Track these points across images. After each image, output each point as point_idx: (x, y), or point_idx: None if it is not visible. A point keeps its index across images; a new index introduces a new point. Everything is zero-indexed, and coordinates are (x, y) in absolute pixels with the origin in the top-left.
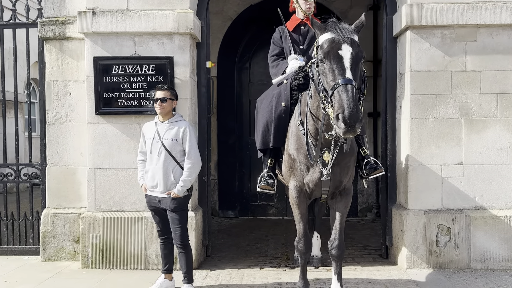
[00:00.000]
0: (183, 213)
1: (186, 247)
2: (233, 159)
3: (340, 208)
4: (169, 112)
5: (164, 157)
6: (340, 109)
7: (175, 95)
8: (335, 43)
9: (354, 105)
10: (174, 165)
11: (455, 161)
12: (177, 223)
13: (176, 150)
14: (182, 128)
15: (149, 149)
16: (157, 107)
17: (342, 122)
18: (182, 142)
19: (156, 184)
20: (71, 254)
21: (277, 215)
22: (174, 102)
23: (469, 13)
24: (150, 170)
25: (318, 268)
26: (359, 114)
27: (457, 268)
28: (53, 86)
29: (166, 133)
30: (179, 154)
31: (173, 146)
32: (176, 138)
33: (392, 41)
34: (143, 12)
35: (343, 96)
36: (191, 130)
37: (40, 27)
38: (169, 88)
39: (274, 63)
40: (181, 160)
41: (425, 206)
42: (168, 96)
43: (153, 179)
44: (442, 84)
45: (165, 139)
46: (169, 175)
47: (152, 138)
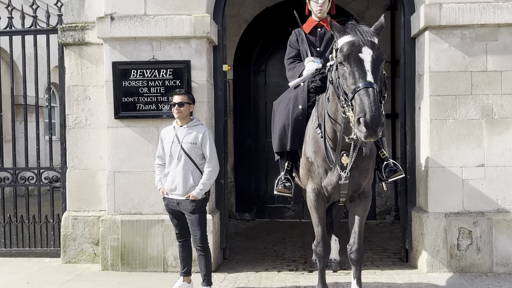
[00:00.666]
0: (202, 216)
1: (205, 249)
2: (249, 161)
3: (359, 211)
4: (186, 116)
5: (184, 160)
6: (361, 112)
7: (192, 99)
8: (355, 46)
9: (376, 108)
10: (193, 168)
11: (476, 163)
12: (196, 226)
13: (195, 154)
14: (202, 132)
15: (168, 153)
16: (175, 112)
17: (364, 126)
18: (201, 146)
19: (175, 187)
20: (91, 256)
21: (294, 217)
22: (192, 106)
23: (489, 12)
24: (170, 173)
25: (336, 271)
26: (381, 118)
27: (479, 272)
28: (72, 91)
29: (186, 137)
30: (198, 157)
31: (192, 150)
32: (195, 142)
33: (410, 41)
34: (161, 17)
35: (364, 99)
36: (210, 134)
37: (60, 33)
38: (186, 92)
39: (290, 66)
40: (200, 164)
41: (445, 209)
42: (186, 100)
43: (172, 182)
44: (462, 84)
45: (184, 143)
46: (188, 178)
47: (171, 142)
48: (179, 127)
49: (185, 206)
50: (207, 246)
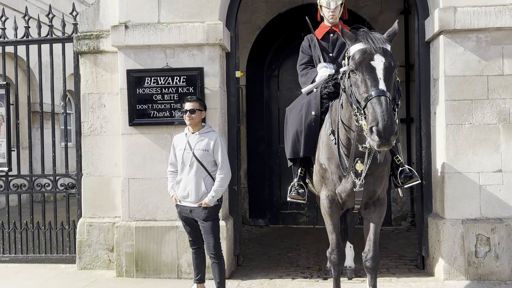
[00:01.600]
0: (215, 223)
1: (219, 257)
2: (262, 167)
3: (374, 218)
4: (198, 123)
5: (196, 167)
6: (374, 121)
7: (204, 106)
8: (367, 53)
9: (388, 117)
10: (205, 175)
11: (494, 169)
12: (209, 233)
13: (207, 161)
14: (214, 139)
15: (180, 160)
16: (187, 119)
17: (376, 135)
18: (213, 153)
19: (188, 194)
20: (106, 262)
21: (307, 223)
22: (203, 112)
23: (505, 15)
24: (182, 180)
25: (351, 279)
26: (394, 127)
27: (498, 280)
28: (88, 99)
29: (197, 144)
30: (210, 164)
31: (204, 157)
32: (207, 149)
33: (425, 46)
34: (174, 25)
35: (376, 108)
36: (222, 141)
37: (75, 42)
38: (197, 99)
39: (303, 72)
40: (212, 171)
41: (462, 215)
42: (197, 107)
43: (184, 189)
44: (478, 89)
45: (196, 150)
46: (200, 185)
47: (183, 149)
48: (191, 134)
49: (198, 214)
50: (220, 254)
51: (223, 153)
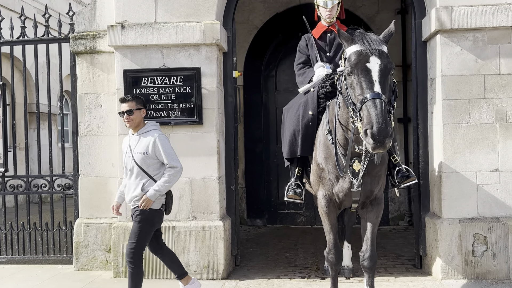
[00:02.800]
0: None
1: (137, 266)
2: (260, 167)
3: (372, 218)
4: (139, 123)
5: (136, 172)
6: (368, 124)
7: (143, 103)
8: (362, 55)
9: (383, 120)
10: (146, 180)
11: (491, 168)
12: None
13: (147, 164)
14: (152, 140)
15: (124, 164)
16: (125, 121)
17: (371, 138)
18: (155, 154)
19: (130, 199)
20: (103, 263)
21: (305, 223)
22: (143, 111)
23: (502, 14)
24: (127, 185)
25: (349, 278)
26: (388, 130)
27: (495, 279)
28: (84, 99)
29: (137, 146)
30: (152, 168)
31: (144, 160)
32: (146, 151)
33: (422, 45)
34: (171, 25)
35: (371, 111)
36: (163, 139)
37: (71, 42)
38: (134, 97)
39: (300, 71)
40: (155, 174)
41: (459, 214)
42: (134, 106)
43: (127, 194)
44: (475, 88)
45: (136, 153)
46: (140, 188)
47: (125, 153)
48: (131, 135)
49: (135, 214)
50: (140, 263)
51: (166, 151)
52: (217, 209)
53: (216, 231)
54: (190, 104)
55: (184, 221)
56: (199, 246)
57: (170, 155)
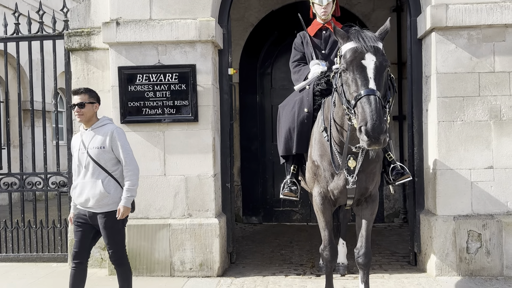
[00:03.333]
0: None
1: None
2: (256, 165)
3: (366, 215)
4: (91, 118)
5: (92, 168)
6: (363, 121)
7: (96, 97)
8: (358, 52)
9: (377, 117)
10: (104, 176)
11: (485, 165)
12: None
13: (104, 160)
14: (109, 133)
15: (77, 162)
16: (75, 114)
17: (365, 135)
18: (112, 149)
19: (86, 200)
20: (98, 261)
21: (301, 221)
22: (96, 105)
23: (496, 12)
24: (78, 185)
25: (344, 275)
26: (382, 126)
27: (489, 276)
28: None
29: (92, 141)
30: (110, 163)
31: (101, 155)
32: (103, 146)
33: (417, 43)
34: (166, 22)
35: (366, 108)
36: (120, 133)
37: (66, 39)
38: (86, 90)
39: (296, 69)
40: (113, 170)
41: (454, 211)
42: (87, 100)
43: (81, 194)
44: (469, 86)
45: (91, 148)
46: (99, 188)
47: (78, 150)
48: (84, 131)
49: (101, 219)
50: (126, 261)
51: (124, 147)
52: (212, 207)
53: (212, 228)
54: (186, 101)
55: (180, 218)
56: (195, 243)
57: (127, 151)
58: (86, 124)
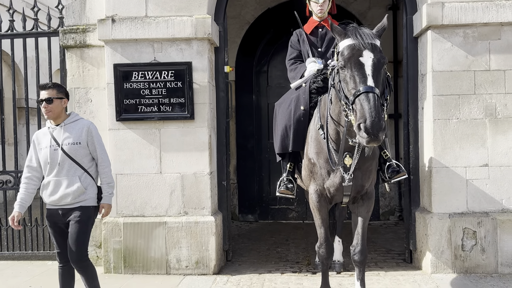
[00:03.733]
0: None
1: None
2: (252, 163)
3: (362, 212)
4: (60, 114)
5: (68, 166)
6: (362, 118)
7: (65, 93)
8: (356, 49)
9: (376, 114)
10: (81, 173)
11: (480, 163)
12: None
13: (80, 156)
14: (85, 128)
15: (47, 160)
16: (43, 110)
17: (364, 132)
18: (87, 145)
19: (60, 198)
20: (94, 259)
21: (297, 219)
22: (65, 100)
23: (492, 11)
24: (51, 183)
25: (340, 273)
26: (381, 123)
27: (484, 273)
28: (74, 93)
29: (65, 137)
30: (86, 159)
31: (77, 151)
32: (78, 141)
33: (413, 41)
34: (162, 19)
35: (364, 105)
36: (95, 129)
37: (61, 36)
38: (55, 85)
39: (292, 67)
40: (88, 167)
41: (449, 209)
42: (55, 95)
43: (54, 193)
44: (465, 84)
45: (65, 145)
46: (77, 185)
47: (48, 147)
48: (54, 127)
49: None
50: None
51: (99, 143)
52: (208, 205)
53: (208, 226)
54: (182, 99)
55: (176, 216)
56: (191, 241)
57: (103, 148)
58: (55, 120)
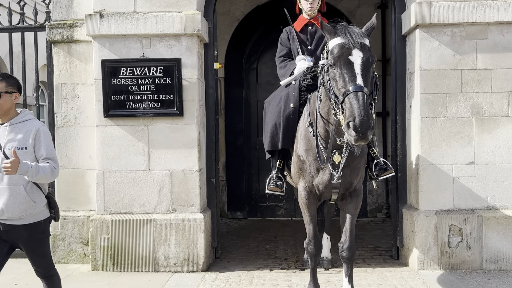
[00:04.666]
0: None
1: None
2: (241, 160)
3: (351, 209)
4: (9, 110)
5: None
6: (351, 117)
7: (17, 86)
8: (345, 48)
9: (365, 112)
10: (26, 181)
11: (467, 161)
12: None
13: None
14: (33, 131)
15: None
16: None
17: (353, 130)
18: (34, 149)
19: (1, 211)
20: (81, 256)
21: (285, 216)
22: (16, 95)
23: (479, 10)
24: None
25: (328, 269)
26: (370, 122)
27: (470, 269)
28: (61, 89)
29: (9, 139)
30: None
31: (21, 157)
32: (24, 146)
33: (401, 40)
34: (150, 14)
35: (353, 103)
36: (46, 133)
37: (48, 31)
38: (4, 76)
39: (282, 64)
40: None
41: (436, 206)
42: (3, 89)
43: None
44: (452, 82)
45: (8, 148)
46: (20, 196)
47: None
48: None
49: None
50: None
51: (48, 147)
52: (197, 202)
53: (197, 223)
54: (171, 95)
55: (164, 213)
56: (179, 238)
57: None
58: (2, 117)
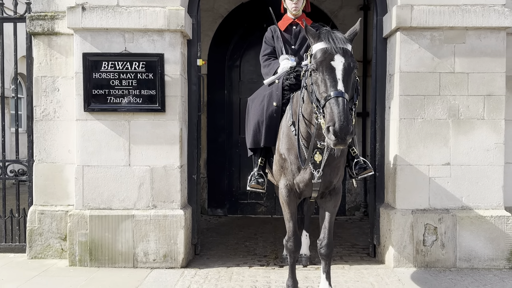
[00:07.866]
0: None
1: None
2: (222, 157)
3: (330, 207)
4: None
5: None
6: (331, 121)
7: None
8: (328, 53)
9: (344, 118)
10: None
11: (443, 162)
12: None
13: None
14: None
15: None
16: None
17: (333, 135)
18: None
19: None
20: (58, 251)
21: (266, 213)
22: None
23: (458, 15)
24: None
25: (306, 266)
26: (349, 127)
27: (443, 267)
28: (41, 82)
29: None
30: None
31: None
32: None
33: (382, 42)
34: (134, 9)
35: (334, 108)
36: None
37: (28, 22)
38: None
39: (266, 63)
40: None
41: (412, 205)
42: None
43: None
44: (430, 85)
45: None
46: None
47: None
48: None
49: None
50: None
51: None
52: (178, 198)
53: (177, 220)
54: (153, 91)
55: (144, 209)
56: (159, 235)
57: None
58: None
